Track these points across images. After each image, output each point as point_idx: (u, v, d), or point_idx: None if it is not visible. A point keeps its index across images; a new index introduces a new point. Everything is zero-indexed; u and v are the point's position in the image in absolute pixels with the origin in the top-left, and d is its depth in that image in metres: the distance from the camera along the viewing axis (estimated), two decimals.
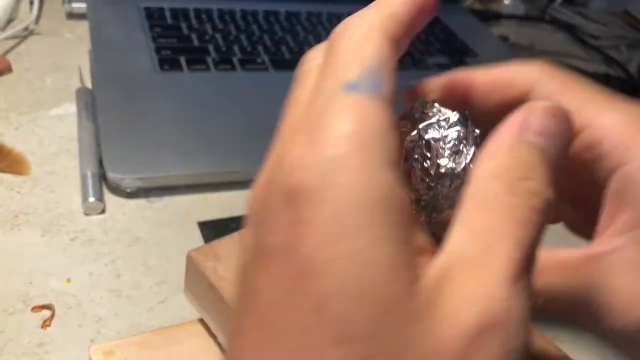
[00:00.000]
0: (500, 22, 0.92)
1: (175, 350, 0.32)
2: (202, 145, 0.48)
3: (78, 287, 0.38)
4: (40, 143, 0.49)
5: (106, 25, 0.62)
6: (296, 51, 0.65)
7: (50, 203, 0.43)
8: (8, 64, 0.57)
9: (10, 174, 0.45)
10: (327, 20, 0.73)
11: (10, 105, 0.53)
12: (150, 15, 0.66)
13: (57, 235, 0.41)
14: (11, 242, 0.40)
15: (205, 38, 0.63)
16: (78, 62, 0.59)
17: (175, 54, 0.59)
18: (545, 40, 0.90)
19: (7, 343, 0.33)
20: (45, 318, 0.35)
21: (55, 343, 0.34)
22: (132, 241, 0.42)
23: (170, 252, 0.41)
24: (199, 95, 0.55)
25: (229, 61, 0.60)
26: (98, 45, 0.59)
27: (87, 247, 0.41)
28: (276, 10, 0.72)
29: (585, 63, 0.85)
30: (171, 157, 0.47)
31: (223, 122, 0.51)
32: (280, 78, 0.59)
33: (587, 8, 1.02)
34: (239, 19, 0.69)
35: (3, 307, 0.35)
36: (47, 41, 0.64)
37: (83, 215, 0.43)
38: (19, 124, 0.51)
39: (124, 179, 0.44)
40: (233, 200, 0.47)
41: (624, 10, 1.04)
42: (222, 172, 0.47)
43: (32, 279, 0.37)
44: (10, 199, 0.43)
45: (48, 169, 0.47)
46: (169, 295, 0.38)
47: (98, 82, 0.54)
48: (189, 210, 0.45)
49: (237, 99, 0.55)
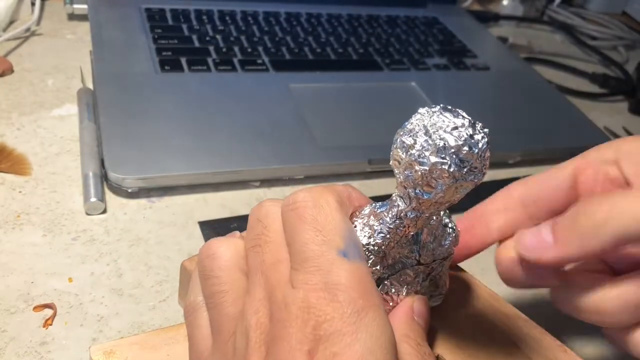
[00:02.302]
0: (499, 23, 0.92)
1: (177, 350, 0.32)
2: (202, 146, 0.49)
3: (80, 286, 0.38)
4: (42, 143, 0.49)
5: (107, 26, 0.63)
6: (296, 52, 0.65)
7: (52, 203, 0.44)
8: (10, 64, 0.57)
9: (12, 174, 0.46)
10: (326, 21, 0.73)
11: (12, 105, 0.53)
12: (151, 16, 0.66)
13: (58, 235, 0.41)
14: (13, 242, 0.40)
15: (206, 39, 0.64)
16: (79, 62, 0.60)
17: (176, 55, 0.60)
18: (544, 41, 0.90)
19: (9, 342, 0.34)
20: (47, 317, 0.35)
21: (57, 342, 0.34)
22: (134, 241, 0.42)
23: (171, 251, 0.41)
24: (200, 95, 0.55)
25: (229, 62, 0.60)
26: (99, 46, 0.59)
27: (89, 246, 0.41)
28: (276, 12, 0.73)
29: (584, 64, 0.85)
30: (172, 157, 0.47)
31: (223, 123, 0.52)
32: (280, 79, 0.60)
33: (585, 9, 1.03)
34: (239, 20, 0.69)
35: (5, 306, 0.36)
36: (49, 42, 0.64)
37: (84, 215, 0.43)
38: (21, 125, 0.51)
39: (125, 179, 0.45)
40: (233, 200, 0.47)
41: (622, 11, 1.05)
42: (223, 172, 0.47)
43: (33, 279, 0.38)
44: (12, 199, 0.44)
45: (50, 169, 0.47)
46: (170, 294, 0.38)
47: (99, 83, 0.54)
48: (189, 210, 0.45)
49: (237, 99, 0.55)
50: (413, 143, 0.23)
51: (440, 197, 0.23)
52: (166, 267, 0.40)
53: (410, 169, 0.23)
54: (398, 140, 0.23)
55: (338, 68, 0.64)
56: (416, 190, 0.23)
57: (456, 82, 0.68)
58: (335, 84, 0.62)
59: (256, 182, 0.49)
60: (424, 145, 0.22)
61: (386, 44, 0.71)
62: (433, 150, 0.22)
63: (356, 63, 0.66)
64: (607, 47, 0.92)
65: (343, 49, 0.68)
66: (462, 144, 0.22)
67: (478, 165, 0.22)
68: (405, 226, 0.25)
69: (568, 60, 0.85)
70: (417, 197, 0.23)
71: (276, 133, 0.52)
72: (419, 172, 0.23)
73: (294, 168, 0.49)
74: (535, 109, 0.66)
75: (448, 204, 0.24)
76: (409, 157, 0.23)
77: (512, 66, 0.75)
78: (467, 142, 0.22)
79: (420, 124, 0.23)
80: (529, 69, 0.76)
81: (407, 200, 0.24)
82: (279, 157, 0.49)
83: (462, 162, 0.22)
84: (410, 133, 0.23)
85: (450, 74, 0.69)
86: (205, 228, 0.44)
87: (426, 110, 0.23)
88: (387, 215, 0.25)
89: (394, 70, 0.66)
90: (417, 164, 0.22)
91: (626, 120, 0.73)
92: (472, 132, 0.22)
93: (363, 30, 0.74)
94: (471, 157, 0.22)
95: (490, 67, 0.72)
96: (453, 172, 0.22)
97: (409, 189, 0.24)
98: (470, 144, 0.22)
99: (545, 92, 0.70)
